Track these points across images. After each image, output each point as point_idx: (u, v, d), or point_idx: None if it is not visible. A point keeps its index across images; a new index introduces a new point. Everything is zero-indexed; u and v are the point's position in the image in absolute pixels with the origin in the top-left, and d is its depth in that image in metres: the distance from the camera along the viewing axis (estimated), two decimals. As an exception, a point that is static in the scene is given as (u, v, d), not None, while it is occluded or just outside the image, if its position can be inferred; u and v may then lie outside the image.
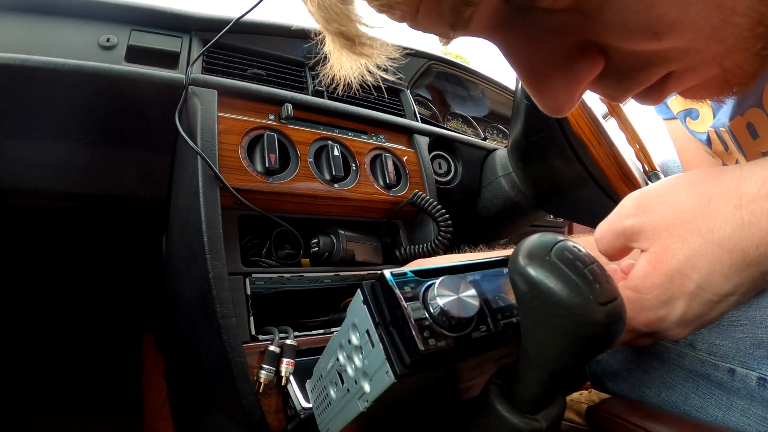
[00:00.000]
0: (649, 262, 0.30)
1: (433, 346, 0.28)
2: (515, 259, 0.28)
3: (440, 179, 0.91)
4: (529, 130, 0.80)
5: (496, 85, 1.19)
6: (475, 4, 0.24)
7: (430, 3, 0.24)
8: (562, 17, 0.25)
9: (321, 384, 0.40)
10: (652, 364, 0.51)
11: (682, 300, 0.29)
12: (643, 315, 0.31)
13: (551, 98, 0.29)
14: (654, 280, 0.30)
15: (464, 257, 0.54)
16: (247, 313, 0.56)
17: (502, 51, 0.29)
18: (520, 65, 0.29)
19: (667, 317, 0.31)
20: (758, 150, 0.46)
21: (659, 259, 0.30)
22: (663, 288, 0.30)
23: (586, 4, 0.24)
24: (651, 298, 0.30)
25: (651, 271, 0.30)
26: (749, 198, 0.26)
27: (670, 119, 0.64)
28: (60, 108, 0.66)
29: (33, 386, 1.02)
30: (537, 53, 0.27)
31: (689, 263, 0.28)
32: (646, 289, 0.30)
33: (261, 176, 0.63)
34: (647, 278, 0.30)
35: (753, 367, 0.43)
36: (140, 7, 0.71)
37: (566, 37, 0.26)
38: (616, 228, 0.32)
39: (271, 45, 0.80)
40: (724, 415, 0.45)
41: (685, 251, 0.28)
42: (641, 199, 0.31)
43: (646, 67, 0.27)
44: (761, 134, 0.44)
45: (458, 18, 0.25)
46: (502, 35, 0.28)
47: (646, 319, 0.31)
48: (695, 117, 0.51)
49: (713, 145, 0.51)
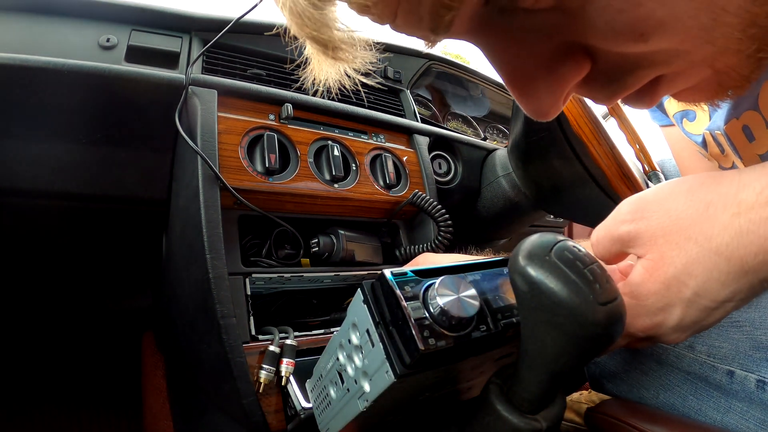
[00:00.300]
0: (646, 269, 0.30)
1: (433, 345, 0.28)
2: (515, 259, 0.28)
3: (440, 179, 0.91)
4: (529, 130, 0.80)
5: (497, 85, 1.19)
6: (455, 8, 0.23)
7: (408, 6, 0.24)
8: (544, 17, 0.25)
9: (321, 384, 0.40)
10: (650, 366, 0.51)
11: (679, 307, 0.29)
12: (640, 321, 0.31)
13: (535, 101, 0.28)
14: (651, 288, 0.30)
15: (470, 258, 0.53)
16: (247, 313, 0.56)
17: (484, 53, 0.28)
18: (503, 68, 0.28)
19: (663, 323, 0.31)
20: (754, 152, 0.46)
21: (656, 266, 0.29)
22: (660, 295, 0.30)
23: (568, 3, 0.23)
24: (648, 305, 0.30)
25: (648, 278, 0.30)
26: (748, 205, 0.26)
27: (667, 126, 0.64)
28: (60, 108, 0.66)
29: (33, 386, 1.02)
30: (520, 56, 0.27)
31: (686, 271, 0.28)
32: (643, 296, 0.30)
33: (261, 176, 0.63)
34: (644, 285, 0.30)
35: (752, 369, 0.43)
36: (140, 7, 0.71)
37: (550, 38, 0.26)
38: (612, 234, 0.32)
39: (271, 45, 0.80)
40: (723, 417, 0.45)
41: (682, 259, 0.28)
42: (638, 204, 0.31)
43: (634, 69, 0.27)
44: (757, 137, 0.44)
45: (438, 22, 0.24)
46: (484, 37, 0.27)
47: (643, 324, 0.31)
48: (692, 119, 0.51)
49: (709, 147, 0.51)
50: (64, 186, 0.74)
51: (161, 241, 0.83)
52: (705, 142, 0.50)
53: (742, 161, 0.47)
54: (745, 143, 0.45)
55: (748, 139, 0.45)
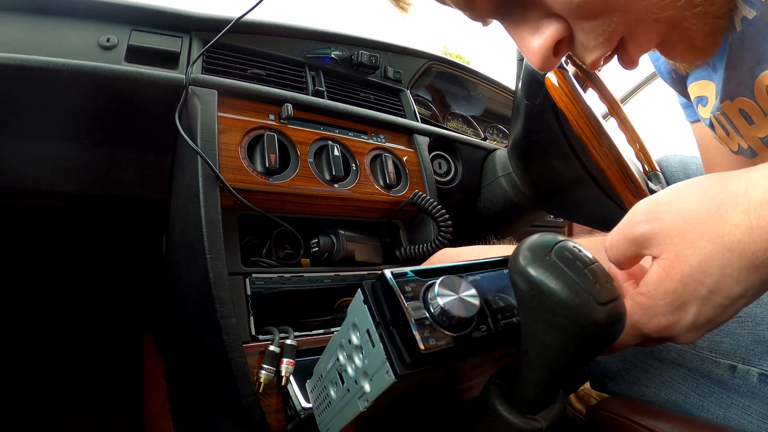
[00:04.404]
0: (662, 269, 0.30)
1: (434, 345, 0.28)
2: (515, 259, 0.28)
3: (440, 179, 0.91)
4: (529, 130, 0.80)
5: (496, 85, 1.19)
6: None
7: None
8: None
9: (321, 384, 0.40)
10: (651, 364, 0.51)
11: (695, 305, 0.30)
12: (656, 321, 0.31)
13: (531, 56, 0.39)
14: (668, 287, 0.30)
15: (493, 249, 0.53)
16: (247, 313, 0.56)
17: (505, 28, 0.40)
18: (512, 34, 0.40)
19: (678, 322, 0.31)
20: (755, 135, 0.47)
21: (672, 265, 0.30)
22: (676, 294, 0.30)
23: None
24: (664, 305, 0.31)
25: (664, 277, 0.30)
26: (757, 202, 0.27)
27: (695, 122, 0.66)
28: (60, 108, 0.66)
29: (33, 386, 1.02)
30: (520, 23, 0.38)
31: (701, 268, 0.29)
32: (660, 296, 0.31)
33: (261, 176, 0.63)
34: (660, 285, 0.30)
35: (754, 363, 0.43)
36: (140, 7, 0.71)
37: (534, 10, 0.37)
38: (627, 236, 0.32)
39: (271, 45, 0.80)
40: (725, 413, 0.45)
41: (697, 257, 0.29)
42: (651, 206, 0.32)
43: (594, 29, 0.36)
44: (756, 122, 0.45)
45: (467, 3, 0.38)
46: (501, 16, 0.39)
47: (659, 324, 0.31)
48: (705, 104, 0.52)
49: (716, 129, 0.52)
50: (64, 186, 0.74)
51: (161, 241, 0.83)
52: (713, 124, 0.52)
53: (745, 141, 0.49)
54: (746, 125, 0.47)
55: (747, 121, 0.46)
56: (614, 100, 0.83)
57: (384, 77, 0.93)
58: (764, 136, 0.46)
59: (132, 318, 1.13)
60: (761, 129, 0.46)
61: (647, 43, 0.38)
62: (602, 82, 0.82)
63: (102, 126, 0.69)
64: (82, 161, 0.72)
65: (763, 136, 0.46)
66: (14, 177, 0.71)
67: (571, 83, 0.62)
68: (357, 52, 0.88)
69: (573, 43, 0.38)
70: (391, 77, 0.94)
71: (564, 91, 0.61)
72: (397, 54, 0.97)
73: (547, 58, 0.38)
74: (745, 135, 0.48)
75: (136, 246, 0.95)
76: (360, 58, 0.88)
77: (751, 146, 0.49)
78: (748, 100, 0.44)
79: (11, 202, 0.76)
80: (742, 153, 0.50)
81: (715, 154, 0.65)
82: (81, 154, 0.72)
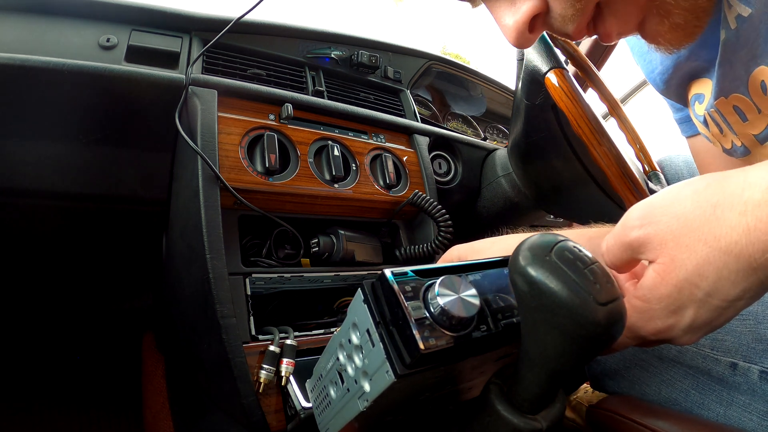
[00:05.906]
0: (658, 273, 0.30)
1: (434, 345, 0.28)
2: (515, 259, 0.28)
3: (440, 179, 0.91)
4: (529, 130, 0.80)
5: (496, 85, 1.19)
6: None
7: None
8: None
9: (321, 384, 0.40)
10: (651, 362, 0.51)
11: (691, 308, 0.30)
12: (652, 324, 0.31)
13: (507, 32, 0.39)
14: (663, 291, 0.30)
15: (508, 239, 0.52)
16: (247, 313, 0.56)
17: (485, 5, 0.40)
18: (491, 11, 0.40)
19: (675, 325, 0.31)
20: (749, 132, 0.47)
21: (667, 269, 0.30)
22: (672, 298, 0.30)
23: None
24: (660, 308, 0.31)
25: (660, 281, 0.30)
26: (754, 204, 0.26)
27: (692, 136, 0.65)
28: (60, 108, 0.66)
29: (34, 386, 1.02)
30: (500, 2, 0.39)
31: (697, 272, 0.28)
32: (656, 300, 0.30)
33: (261, 176, 0.63)
34: (656, 289, 0.30)
35: (755, 360, 0.43)
36: (140, 7, 0.71)
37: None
38: (622, 241, 0.32)
39: (271, 45, 0.80)
40: (726, 410, 0.45)
41: (693, 260, 0.28)
42: (646, 210, 0.31)
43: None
44: (750, 119, 0.45)
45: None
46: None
47: (655, 328, 0.31)
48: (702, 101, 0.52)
49: (710, 127, 0.52)
50: (64, 186, 0.74)
51: (161, 241, 0.83)
52: (706, 121, 0.52)
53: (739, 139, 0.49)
54: (739, 122, 0.47)
55: (741, 118, 0.46)
56: (614, 100, 0.83)
57: (384, 77, 0.93)
58: (758, 133, 0.46)
59: (132, 318, 1.13)
60: (755, 126, 0.45)
61: (625, 15, 0.38)
62: (602, 82, 0.82)
63: (102, 126, 0.69)
64: (82, 161, 0.72)
65: (756, 133, 0.46)
66: (14, 177, 0.71)
67: (571, 83, 0.62)
68: (357, 52, 0.89)
69: (550, 17, 0.38)
70: (391, 77, 0.94)
71: (564, 91, 0.61)
72: (397, 54, 0.97)
73: (523, 33, 0.38)
74: (738, 132, 0.48)
75: (136, 246, 0.95)
76: (360, 58, 0.88)
77: (744, 143, 0.48)
78: (743, 96, 0.44)
79: (11, 202, 0.76)
80: (735, 150, 0.50)
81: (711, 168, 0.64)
82: (81, 154, 0.72)
